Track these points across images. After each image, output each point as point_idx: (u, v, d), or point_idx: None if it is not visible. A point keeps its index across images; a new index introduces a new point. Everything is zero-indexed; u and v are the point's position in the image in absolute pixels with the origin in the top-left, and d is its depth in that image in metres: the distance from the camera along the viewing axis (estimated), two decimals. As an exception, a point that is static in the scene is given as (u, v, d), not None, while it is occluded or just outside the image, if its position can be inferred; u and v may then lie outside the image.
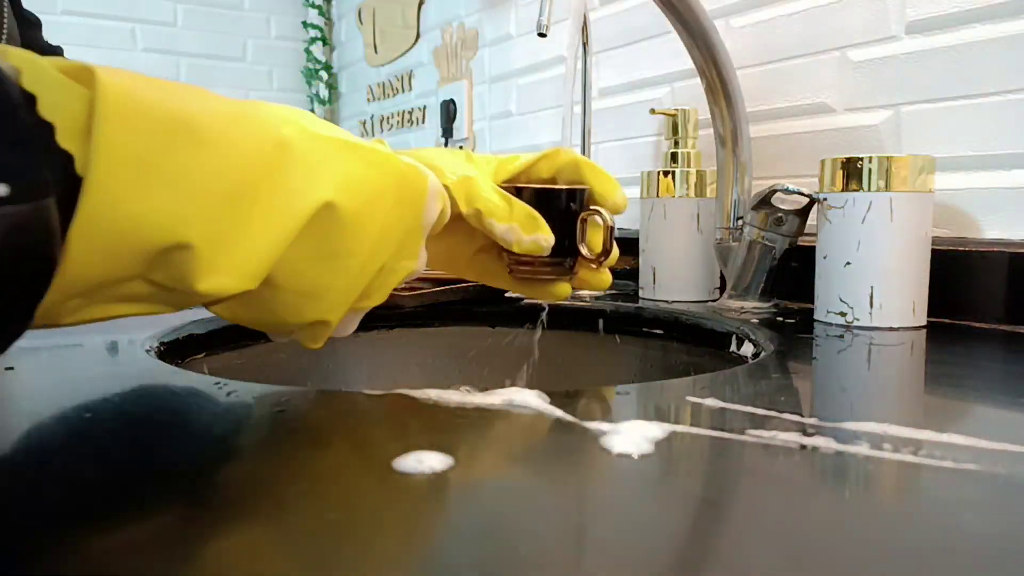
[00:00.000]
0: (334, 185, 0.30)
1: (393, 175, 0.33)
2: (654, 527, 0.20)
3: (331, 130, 0.32)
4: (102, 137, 0.22)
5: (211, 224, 0.26)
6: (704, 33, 0.62)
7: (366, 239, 0.32)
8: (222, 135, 0.26)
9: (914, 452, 0.25)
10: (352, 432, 0.30)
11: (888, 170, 0.53)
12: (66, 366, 0.39)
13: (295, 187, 0.29)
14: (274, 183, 0.28)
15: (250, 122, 0.28)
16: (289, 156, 0.29)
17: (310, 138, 0.30)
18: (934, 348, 0.48)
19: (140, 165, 0.23)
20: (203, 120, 0.25)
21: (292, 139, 0.29)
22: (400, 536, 0.19)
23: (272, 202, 0.28)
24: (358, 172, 0.31)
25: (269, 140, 0.28)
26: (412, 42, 1.51)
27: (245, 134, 0.27)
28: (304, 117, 0.31)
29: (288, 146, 0.29)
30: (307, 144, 0.30)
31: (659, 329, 0.65)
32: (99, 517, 0.20)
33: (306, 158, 0.29)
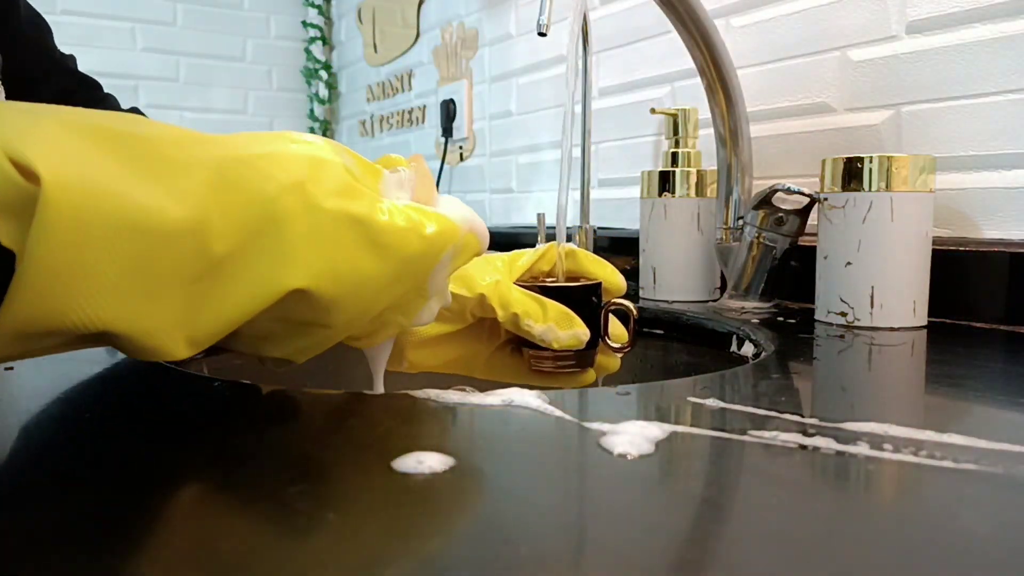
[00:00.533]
0: (313, 272, 0.27)
1: (396, 260, 0.29)
2: (654, 527, 0.20)
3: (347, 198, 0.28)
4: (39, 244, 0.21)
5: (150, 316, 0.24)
6: (704, 33, 0.62)
7: (345, 316, 0.29)
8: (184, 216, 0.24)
9: (914, 452, 0.25)
10: (352, 432, 0.30)
11: (889, 170, 0.53)
12: (66, 366, 0.39)
13: (266, 272, 0.26)
14: (245, 264, 0.26)
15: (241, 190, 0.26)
16: (274, 234, 0.26)
17: (309, 212, 0.27)
18: (934, 348, 0.48)
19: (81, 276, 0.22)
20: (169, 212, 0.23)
21: (286, 214, 0.26)
22: (400, 536, 0.19)
23: (237, 283, 0.26)
24: (350, 258, 0.28)
25: (257, 212, 0.26)
26: (412, 42, 1.51)
27: (226, 207, 0.25)
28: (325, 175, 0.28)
29: (278, 222, 0.26)
30: (302, 221, 0.27)
31: (659, 329, 0.65)
32: (99, 517, 0.20)
33: (294, 238, 0.27)
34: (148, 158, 0.24)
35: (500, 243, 1.03)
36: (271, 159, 0.27)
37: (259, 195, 0.26)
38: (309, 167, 0.27)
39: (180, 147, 0.25)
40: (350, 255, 0.28)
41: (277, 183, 0.26)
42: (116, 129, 0.23)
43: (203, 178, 0.25)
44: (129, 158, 0.23)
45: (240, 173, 0.26)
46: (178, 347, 0.26)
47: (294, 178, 0.27)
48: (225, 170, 0.26)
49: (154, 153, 0.24)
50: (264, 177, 0.26)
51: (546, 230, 0.80)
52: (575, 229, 0.79)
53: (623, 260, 0.88)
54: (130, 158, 0.23)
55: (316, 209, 0.27)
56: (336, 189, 0.28)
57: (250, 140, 0.28)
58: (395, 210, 0.29)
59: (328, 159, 0.28)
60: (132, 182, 0.23)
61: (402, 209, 0.30)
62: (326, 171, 0.28)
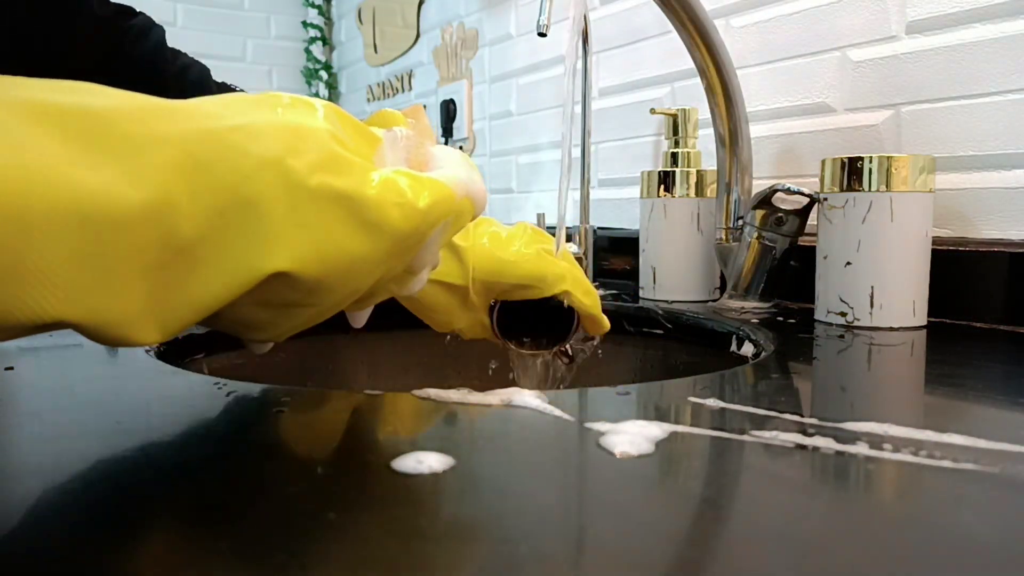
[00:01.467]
0: (296, 255, 0.25)
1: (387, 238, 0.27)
2: (654, 527, 0.20)
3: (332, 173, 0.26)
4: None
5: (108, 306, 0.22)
6: (704, 33, 0.62)
7: (333, 297, 0.28)
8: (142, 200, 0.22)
9: (914, 452, 0.25)
10: (352, 432, 0.30)
11: (888, 170, 0.53)
12: (66, 366, 0.39)
13: (242, 256, 0.24)
14: (218, 248, 0.24)
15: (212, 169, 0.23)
16: (250, 215, 0.24)
17: (290, 190, 0.25)
18: (934, 348, 0.48)
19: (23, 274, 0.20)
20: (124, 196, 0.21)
21: (264, 193, 0.24)
22: (400, 536, 0.19)
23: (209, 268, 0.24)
24: (337, 239, 0.26)
25: (231, 193, 0.24)
26: (412, 42, 1.51)
27: (195, 189, 0.23)
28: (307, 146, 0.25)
29: (255, 203, 0.24)
30: (282, 201, 0.24)
31: (659, 329, 0.65)
32: (99, 517, 0.20)
33: (273, 220, 0.24)
34: (101, 136, 0.22)
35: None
36: (246, 131, 0.24)
37: (232, 174, 0.24)
38: (289, 138, 0.25)
39: (141, 122, 0.22)
40: (336, 235, 0.26)
41: (253, 159, 0.24)
42: (63, 104, 0.21)
43: (167, 157, 0.23)
44: (77, 137, 0.21)
45: (210, 149, 0.24)
46: (145, 334, 0.24)
47: (272, 153, 0.24)
48: (193, 147, 0.23)
49: (108, 130, 0.22)
50: (238, 153, 0.24)
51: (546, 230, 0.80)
52: (575, 229, 0.79)
53: (623, 260, 0.88)
54: (79, 137, 0.21)
55: (297, 187, 0.25)
56: (319, 162, 0.25)
57: (227, 107, 0.25)
58: (386, 182, 0.27)
59: (311, 126, 0.26)
60: (80, 165, 0.21)
61: (394, 180, 0.27)
62: (308, 142, 0.25)
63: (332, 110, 0.28)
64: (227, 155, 0.24)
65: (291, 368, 0.63)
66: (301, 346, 0.64)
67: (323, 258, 0.26)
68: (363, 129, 0.29)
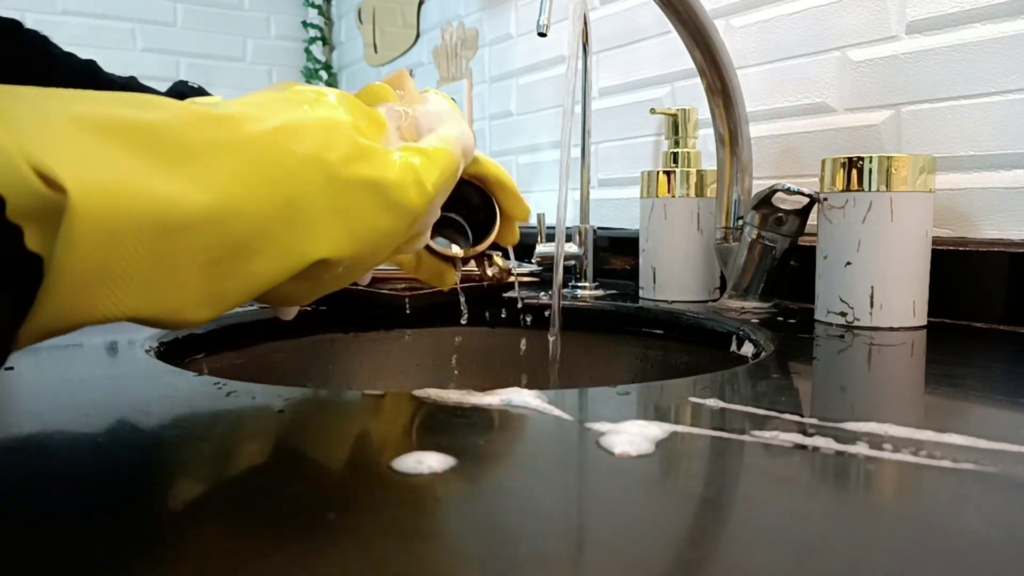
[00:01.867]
0: (334, 240, 0.28)
1: (407, 214, 0.31)
2: (654, 527, 0.20)
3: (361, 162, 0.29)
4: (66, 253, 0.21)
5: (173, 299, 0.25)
6: (704, 33, 0.62)
7: (360, 269, 0.32)
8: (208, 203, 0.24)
9: (914, 452, 0.25)
10: (352, 432, 0.30)
11: (888, 170, 0.53)
12: (66, 366, 0.39)
13: (289, 245, 0.27)
14: (269, 240, 0.27)
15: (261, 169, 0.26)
16: (295, 212, 0.27)
17: (328, 182, 0.28)
18: (934, 348, 0.48)
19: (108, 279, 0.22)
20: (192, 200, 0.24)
21: (306, 187, 0.27)
22: (400, 536, 0.19)
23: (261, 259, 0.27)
24: (368, 220, 0.29)
25: (278, 189, 0.26)
26: (412, 42, 1.51)
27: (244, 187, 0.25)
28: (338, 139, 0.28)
29: (298, 197, 0.27)
30: (322, 192, 0.28)
31: (659, 329, 0.65)
32: (99, 517, 0.20)
33: (315, 210, 0.28)
34: (167, 146, 0.24)
35: (500, 243, 1.03)
36: (286, 132, 0.27)
37: (278, 171, 0.26)
38: (323, 134, 0.28)
39: (198, 131, 0.25)
40: (367, 217, 0.29)
41: (295, 157, 0.27)
42: (133, 120, 0.23)
43: (224, 162, 0.25)
44: (147, 149, 0.23)
45: (259, 152, 0.26)
46: (199, 317, 0.26)
47: (310, 149, 0.27)
48: (245, 151, 0.26)
49: (173, 140, 0.24)
50: (282, 153, 0.27)
51: (546, 230, 0.80)
52: (575, 229, 0.79)
53: (623, 260, 0.88)
54: (148, 149, 0.23)
55: (334, 178, 0.28)
56: (350, 154, 0.29)
57: (263, 109, 0.28)
58: (404, 164, 0.31)
59: (339, 121, 0.29)
60: (154, 175, 0.23)
61: (410, 162, 0.31)
62: (338, 135, 0.29)
63: (346, 99, 0.31)
64: (273, 156, 0.26)
65: (291, 368, 0.63)
66: (301, 346, 0.64)
67: (356, 238, 0.29)
68: (371, 114, 0.32)
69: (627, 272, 0.87)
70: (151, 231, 0.23)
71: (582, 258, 0.78)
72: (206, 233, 0.24)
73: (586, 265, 0.78)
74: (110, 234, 0.22)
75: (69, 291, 0.21)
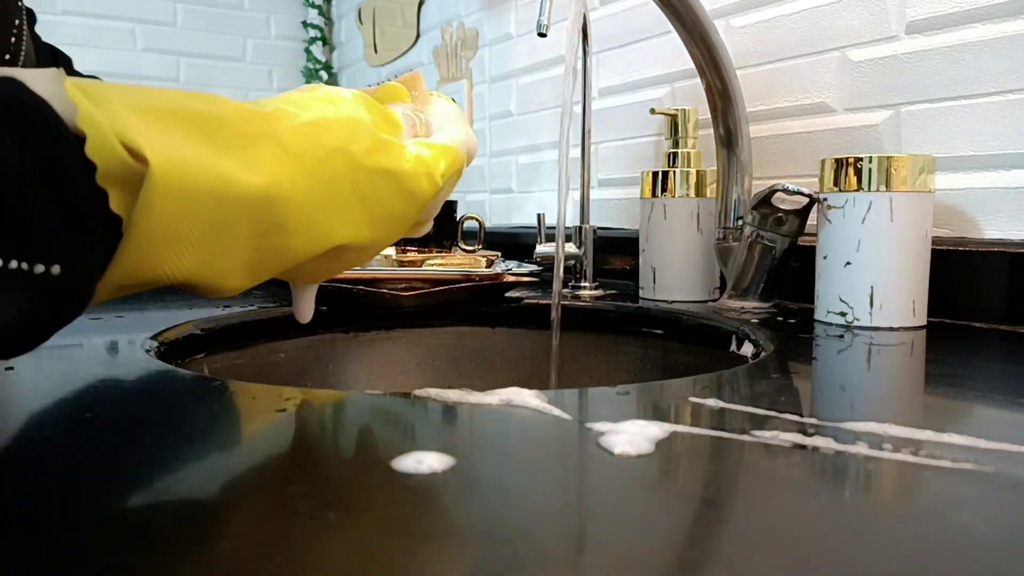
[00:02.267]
0: (356, 224, 0.32)
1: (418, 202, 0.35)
2: (654, 527, 0.20)
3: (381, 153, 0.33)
4: (144, 216, 0.24)
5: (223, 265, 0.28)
6: (704, 33, 0.62)
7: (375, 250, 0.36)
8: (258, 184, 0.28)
9: (914, 452, 0.25)
10: (352, 432, 0.30)
11: (888, 170, 0.53)
12: (66, 366, 0.39)
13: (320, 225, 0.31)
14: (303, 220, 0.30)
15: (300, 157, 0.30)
16: (327, 197, 0.31)
17: (353, 170, 0.32)
18: (934, 348, 0.48)
19: (174, 240, 0.26)
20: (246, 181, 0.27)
21: (335, 174, 0.31)
22: (400, 536, 0.19)
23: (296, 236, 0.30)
24: (385, 205, 0.33)
25: (312, 178, 0.30)
26: (412, 42, 1.51)
27: (287, 173, 0.29)
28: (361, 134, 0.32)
29: (328, 183, 0.31)
30: (348, 178, 0.31)
31: (659, 329, 0.65)
32: (99, 517, 0.20)
33: (342, 195, 0.31)
34: (225, 134, 0.27)
35: (500, 243, 1.03)
36: (319, 125, 0.31)
37: (313, 160, 0.30)
38: (349, 129, 0.32)
39: (249, 123, 0.28)
40: (385, 203, 0.33)
41: (325, 148, 0.31)
42: (197, 111, 0.27)
43: (271, 150, 0.29)
44: (210, 136, 0.27)
45: (298, 142, 0.30)
46: (239, 285, 0.30)
47: (338, 141, 0.31)
48: (287, 140, 0.29)
49: (229, 130, 0.28)
50: (315, 144, 0.30)
51: (546, 230, 0.80)
52: (575, 229, 0.79)
53: (623, 260, 0.88)
54: (210, 136, 0.27)
55: (358, 167, 0.32)
56: (371, 146, 0.33)
57: (298, 106, 0.32)
58: (417, 157, 0.35)
59: (361, 118, 0.33)
60: (216, 156, 0.26)
61: (421, 155, 0.35)
62: (362, 130, 0.33)
63: (364, 99, 0.35)
64: (308, 147, 0.30)
65: (291, 368, 0.63)
66: (301, 346, 0.64)
67: (374, 221, 0.33)
68: (386, 113, 0.36)
69: (627, 272, 0.87)
70: (212, 202, 0.26)
71: (582, 258, 0.78)
72: (255, 209, 0.28)
73: (586, 265, 0.78)
74: (180, 200, 0.25)
75: (143, 248, 0.25)
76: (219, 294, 0.30)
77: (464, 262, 0.73)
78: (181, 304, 0.61)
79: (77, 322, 0.25)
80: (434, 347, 0.70)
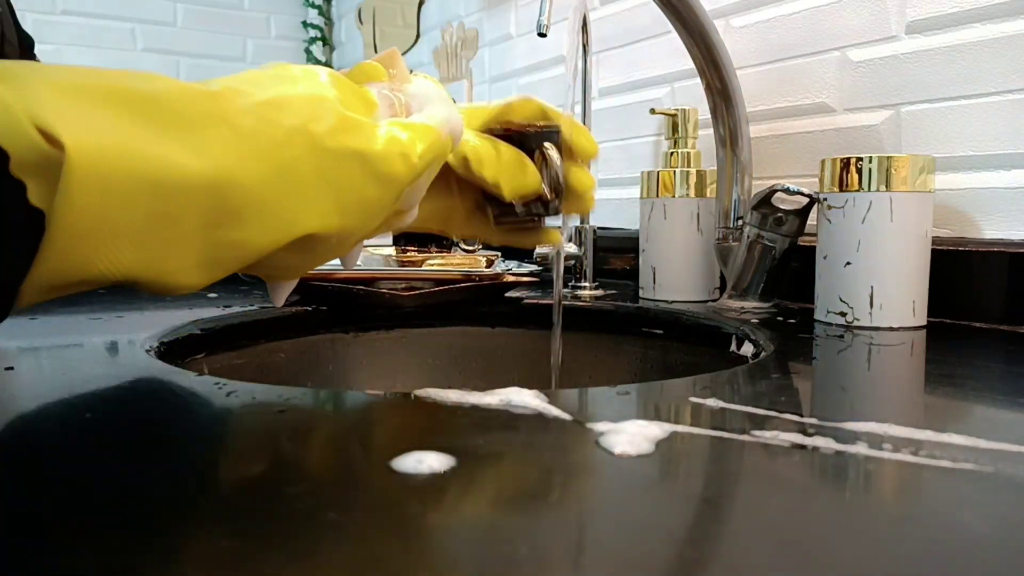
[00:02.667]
0: (325, 211, 0.29)
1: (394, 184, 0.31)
2: (654, 527, 0.20)
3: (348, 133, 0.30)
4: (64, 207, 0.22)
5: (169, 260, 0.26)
6: (704, 33, 0.62)
7: (351, 240, 0.32)
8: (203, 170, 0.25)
9: (914, 452, 0.25)
10: (352, 432, 0.30)
11: (888, 170, 0.53)
12: (66, 366, 0.39)
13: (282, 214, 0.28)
14: (262, 209, 0.27)
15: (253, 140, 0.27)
16: (286, 183, 0.28)
17: (316, 152, 0.29)
18: (934, 348, 0.48)
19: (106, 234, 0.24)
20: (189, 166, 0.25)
21: (296, 157, 0.28)
22: (400, 536, 0.19)
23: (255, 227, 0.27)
24: (356, 190, 0.30)
25: (268, 162, 0.27)
26: (412, 42, 1.51)
27: (238, 158, 0.26)
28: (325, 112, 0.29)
29: (289, 167, 0.28)
30: (310, 162, 0.28)
31: (659, 329, 0.65)
32: (99, 517, 0.20)
33: (304, 180, 0.28)
34: (165, 116, 0.25)
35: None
36: (275, 104, 0.28)
37: (268, 142, 0.27)
38: (310, 107, 0.29)
39: (193, 103, 0.26)
40: (355, 187, 0.30)
41: (283, 128, 0.28)
42: (131, 89, 0.24)
43: (219, 133, 0.26)
44: (145, 117, 0.24)
45: (250, 124, 0.27)
46: (193, 282, 0.28)
47: (298, 121, 0.28)
48: (237, 122, 0.27)
49: (170, 110, 0.25)
50: (271, 124, 0.28)
51: (546, 230, 0.80)
52: (575, 229, 0.79)
53: (623, 260, 0.88)
54: (146, 117, 0.24)
55: (321, 148, 0.29)
56: (336, 126, 0.29)
57: (253, 85, 0.29)
58: (390, 136, 0.31)
59: (326, 95, 0.30)
60: (151, 140, 0.24)
61: (396, 135, 0.31)
62: (325, 108, 0.29)
63: (335, 77, 0.32)
64: (262, 127, 0.27)
65: (291, 368, 0.63)
66: (301, 346, 0.64)
67: (344, 208, 0.30)
68: (360, 92, 0.33)
69: (627, 272, 0.87)
70: (147, 191, 0.24)
71: (582, 258, 0.78)
72: (200, 198, 0.25)
73: (586, 265, 0.78)
74: (105, 189, 0.23)
75: (68, 244, 0.23)
76: (171, 292, 0.27)
77: (464, 262, 0.73)
78: (181, 304, 0.61)
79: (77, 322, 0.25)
80: (434, 347, 0.70)
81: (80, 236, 0.23)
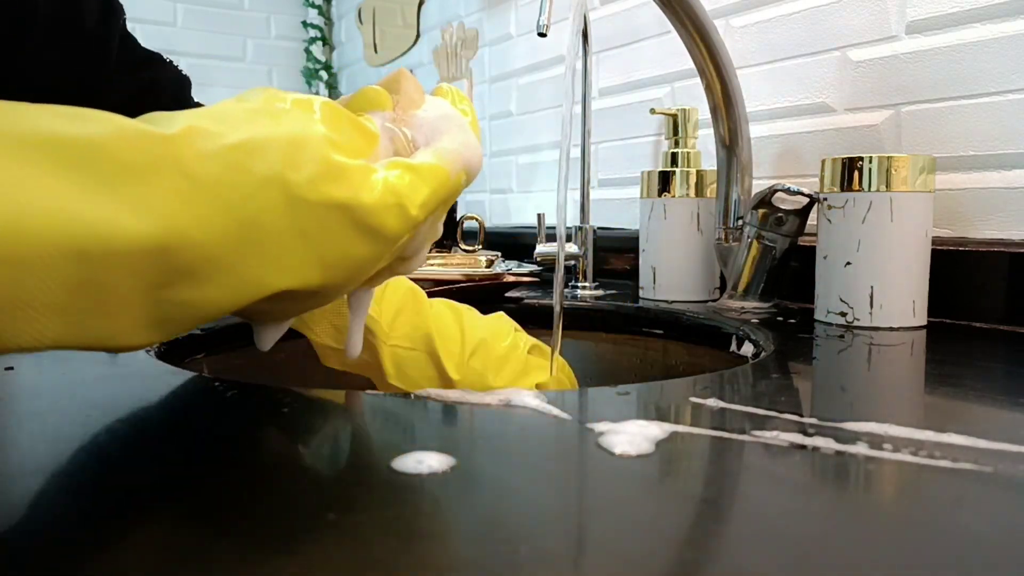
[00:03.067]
0: (299, 269, 0.26)
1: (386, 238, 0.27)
2: (654, 527, 0.20)
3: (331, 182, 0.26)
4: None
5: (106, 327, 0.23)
6: (704, 33, 0.62)
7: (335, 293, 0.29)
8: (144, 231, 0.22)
9: (914, 452, 0.25)
10: (352, 432, 0.30)
11: (888, 170, 0.53)
12: (66, 366, 0.39)
13: (246, 273, 0.25)
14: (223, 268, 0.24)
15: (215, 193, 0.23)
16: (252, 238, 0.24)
17: (292, 205, 0.25)
18: (934, 348, 0.48)
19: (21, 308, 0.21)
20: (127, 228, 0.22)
21: (266, 211, 0.24)
22: (400, 536, 0.19)
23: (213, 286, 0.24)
24: (338, 246, 0.26)
25: (234, 214, 0.24)
26: (412, 42, 1.51)
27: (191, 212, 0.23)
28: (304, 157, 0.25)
29: (257, 225, 0.24)
30: (285, 216, 0.25)
31: (659, 329, 0.65)
32: (99, 517, 0.20)
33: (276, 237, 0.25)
34: (102, 167, 0.21)
35: (500, 243, 1.03)
36: (245, 149, 0.24)
37: (235, 194, 0.24)
38: (288, 151, 0.25)
39: (139, 150, 0.22)
40: (338, 243, 0.26)
41: (254, 177, 0.24)
42: (61, 136, 0.21)
43: (169, 184, 0.23)
44: (77, 170, 0.21)
45: (211, 172, 0.23)
46: (141, 342, 0.24)
47: (272, 169, 0.24)
48: (194, 170, 0.23)
49: (109, 160, 0.22)
50: (239, 172, 0.24)
51: (546, 230, 0.80)
52: (575, 229, 0.79)
53: (623, 260, 0.88)
54: (78, 170, 0.21)
55: (298, 200, 0.25)
56: (318, 173, 0.25)
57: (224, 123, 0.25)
58: (387, 185, 0.27)
59: (309, 135, 0.26)
60: (79, 200, 0.21)
61: (393, 182, 0.28)
62: (306, 152, 0.25)
63: (330, 109, 0.27)
64: (228, 176, 0.24)
65: (291, 368, 0.63)
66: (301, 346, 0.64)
67: (325, 265, 0.26)
68: (359, 125, 0.29)
69: (627, 272, 0.87)
70: (71, 259, 0.21)
71: (582, 258, 0.78)
72: (141, 261, 0.22)
73: (586, 265, 0.78)
74: (17, 261, 0.20)
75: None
76: (122, 351, 0.24)
77: (464, 262, 0.73)
78: (181, 304, 0.61)
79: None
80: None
81: None
